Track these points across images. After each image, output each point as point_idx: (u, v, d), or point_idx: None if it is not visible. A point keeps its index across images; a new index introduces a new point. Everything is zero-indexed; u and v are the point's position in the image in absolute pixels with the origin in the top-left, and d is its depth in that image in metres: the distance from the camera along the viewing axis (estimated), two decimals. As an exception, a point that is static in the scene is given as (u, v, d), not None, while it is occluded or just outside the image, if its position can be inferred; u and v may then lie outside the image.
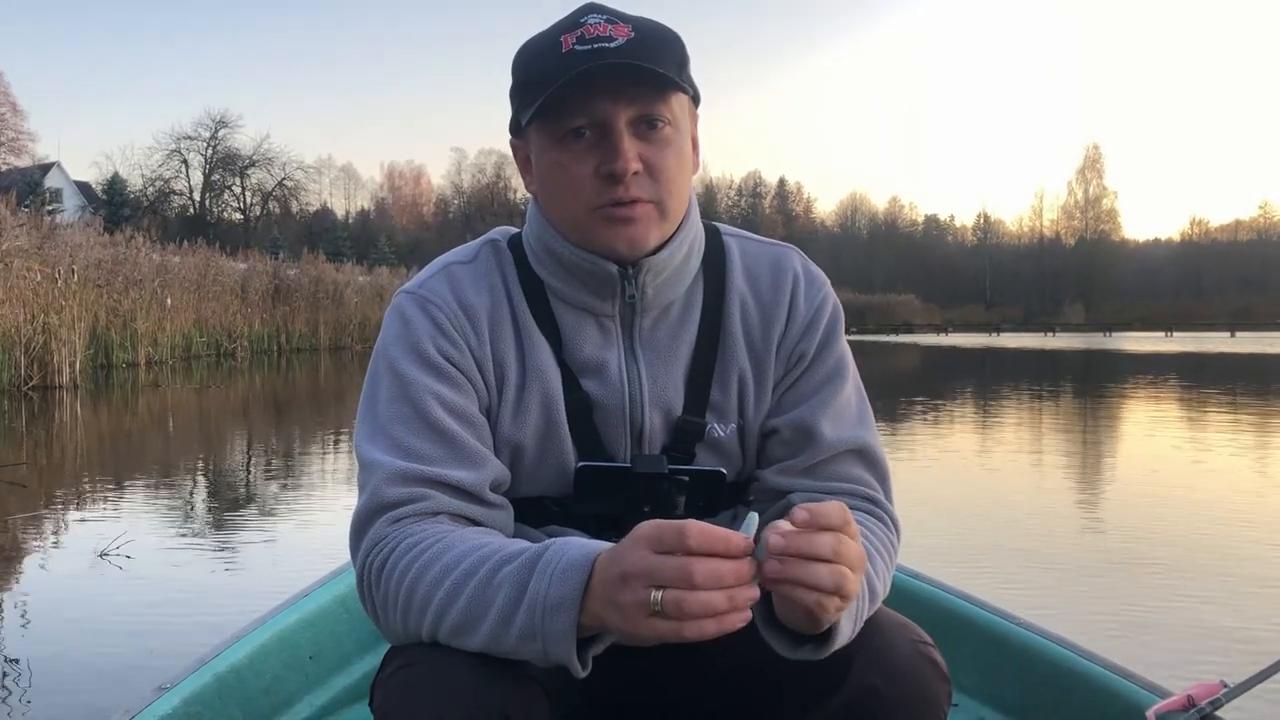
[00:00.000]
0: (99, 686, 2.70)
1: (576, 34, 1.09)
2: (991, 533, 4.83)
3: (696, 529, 0.84)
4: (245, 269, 26.24)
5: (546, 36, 1.13)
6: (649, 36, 1.11)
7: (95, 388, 14.28)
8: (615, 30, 1.09)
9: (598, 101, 1.08)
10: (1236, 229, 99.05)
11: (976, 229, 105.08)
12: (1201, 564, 4.12)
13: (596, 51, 1.07)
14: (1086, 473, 7.07)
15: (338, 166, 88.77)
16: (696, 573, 0.83)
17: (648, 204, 1.12)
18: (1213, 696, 1.42)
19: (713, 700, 1.17)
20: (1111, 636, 3.08)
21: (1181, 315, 68.04)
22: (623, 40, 1.08)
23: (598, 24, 1.10)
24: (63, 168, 56.59)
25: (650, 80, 1.09)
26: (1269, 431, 9.54)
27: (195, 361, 20.64)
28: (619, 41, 1.08)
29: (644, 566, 0.85)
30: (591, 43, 1.08)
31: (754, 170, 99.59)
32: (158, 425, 10.22)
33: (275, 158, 67.79)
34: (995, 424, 9.63)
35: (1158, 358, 24.87)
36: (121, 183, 55.42)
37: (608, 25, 1.10)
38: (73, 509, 5.42)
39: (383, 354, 1.16)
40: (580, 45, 1.08)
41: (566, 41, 1.09)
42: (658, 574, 0.84)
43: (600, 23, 1.10)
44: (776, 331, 1.22)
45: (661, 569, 0.84)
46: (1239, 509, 5.39)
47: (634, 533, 0.87)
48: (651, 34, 1.11)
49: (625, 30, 1.09)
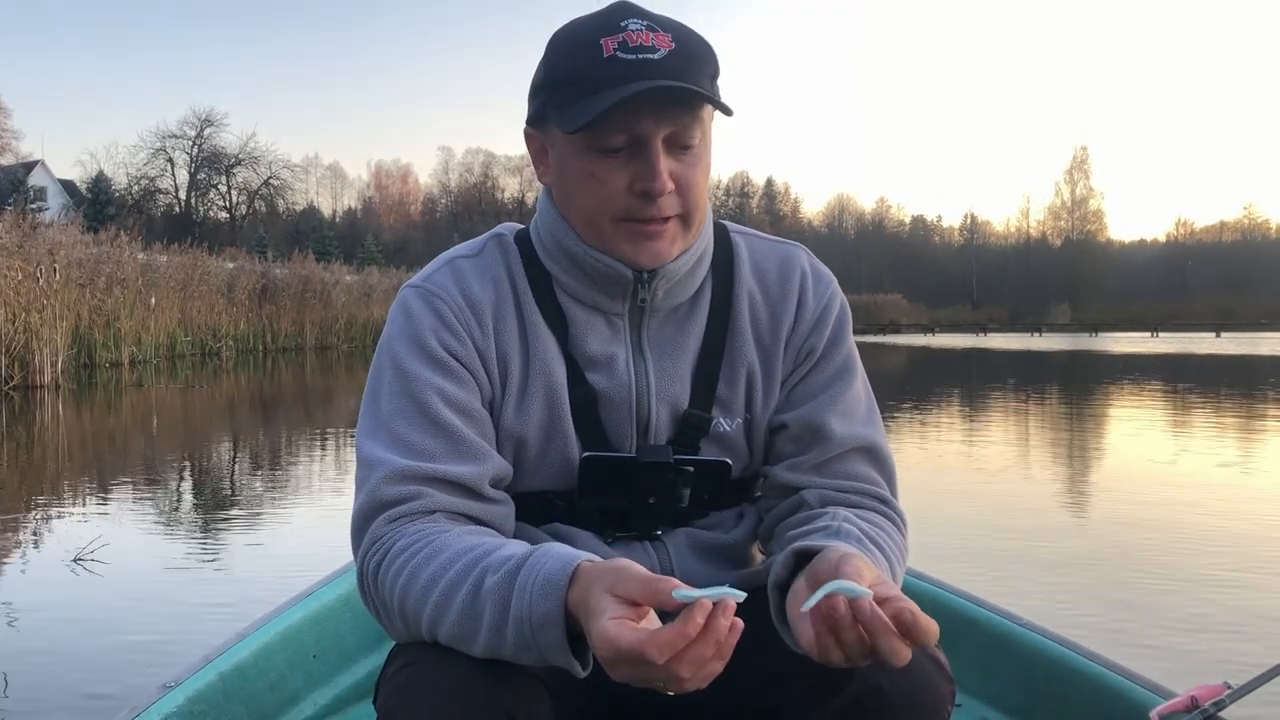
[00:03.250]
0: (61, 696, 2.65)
1: (618, 39, 1.07)
2: (980, 537, 4.83)
3: (656, 647, 0.83)
4: (233, 269, 26.15)
5: (584, 35, 1.10)
6: (688, 49, 1.09)
7: (78, 387, 14.19)
8: (657, 39, 1.08)
9: (641, 120, 1.07)
10: (1221, 230, 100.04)
11: (963, 229, 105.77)
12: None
13: (641, 64, 1.06)
14: (1081, 485, 7.07)
15: (324, 165, 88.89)
16: (682, 675, 0.84)
17: (674, 219, 1.13)
18: (1216, 697, 1.42)
19: (718, 698, 1.15)
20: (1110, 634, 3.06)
21: (1167, 316, 68.50)
22: (665, 52, 1.07)
23: (640, 31, 1.08)
24: (47, 166, 56.39)
25: (690, 100, 1.08)
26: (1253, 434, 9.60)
27: (179, 361, 20.56)
28: (662, 53, 1.07)
29: (629, 680, 0.86)
30: (635, 52, 1.07)
31: (742, 170, 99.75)
32: (141, 425, 10.16)
33: (261, 156, 67.70)
34: (983, 435, 9.67)
35: (1150, 360, 24.99)
36: (106, 181, 55.20)
37: (649, 34, 1.08)
38: (50, 510, 5.35)
39: (386, 348, 1.16)
40: (623, 53, 1.07)
41: (607, 45, 1.07)
42: (647, 684, 0.85)
43: (642, 30, 1.08)
44: (785, 327, 1.23)
45: (648, 682, 0.85)
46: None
47: (597, 645, 0.86)
48: (690, 46, 1.10)
49: (667, 41, 1.08)
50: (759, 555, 1.29)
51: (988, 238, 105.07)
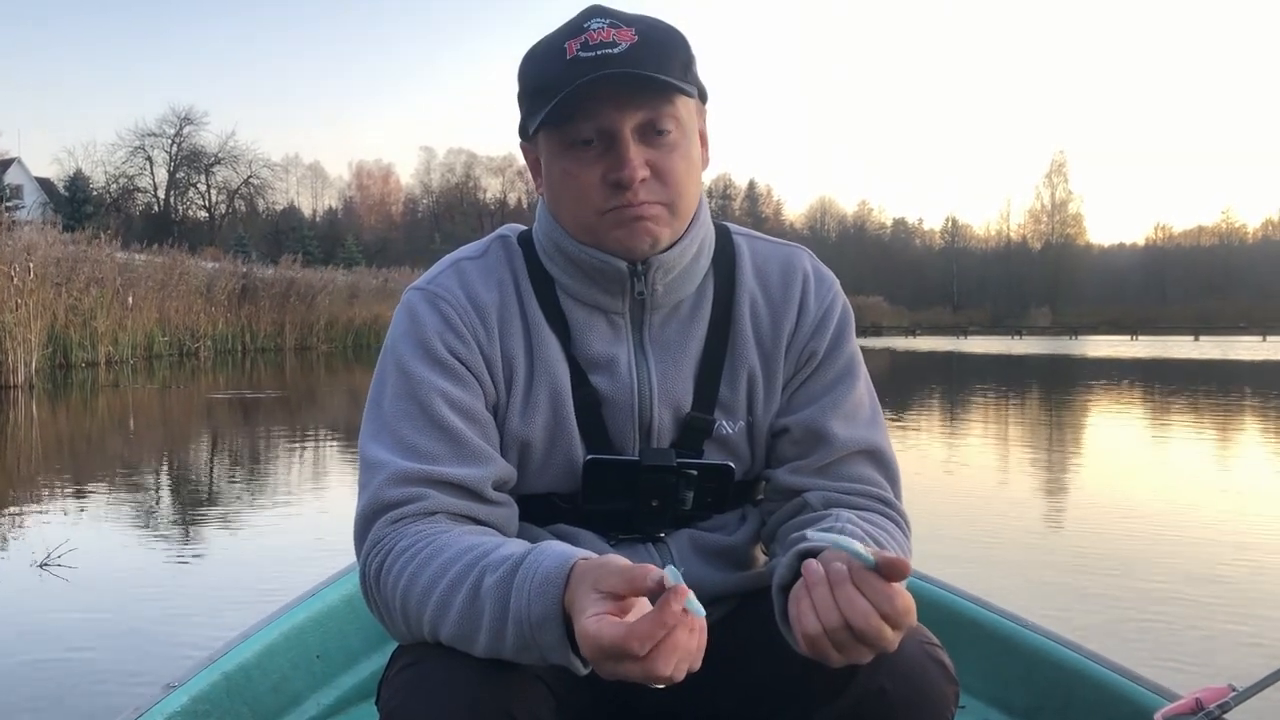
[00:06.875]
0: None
1: (580, 40, 1.09)
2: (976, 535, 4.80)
3: (636, 640, 0.82)
4: (215, 269, 25.97)
5: (551, 42, 1.12)
6: (652, 40, 1.10)
7: (53, 387, 14.03)
8: (619, 35, 1.09)
9: (603, 110, 1.08)
10: (1199, 235, 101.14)
11: (944, 232, 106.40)
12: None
13: (600, 59, 1.07)
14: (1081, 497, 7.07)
15: (305, 165, 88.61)
16: (662, 668, 0.83)
17: (657, 205, 1.13)
18: (1221, 700, 1.39)
19: (721, 699, 1.18)
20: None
21: (1146, 319, 69.12)
22: (626, 45, 1.08)
23: (601, 29, 1.09)
24: (23, 164, 55.99)
25: (654, 87, 1.08)
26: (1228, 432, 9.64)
27: (157, 361, 20.37)
28: (622, 47, 1.08)
29: (613, 676, 0.85)
30: (595, 49, 1.08)
31: (724, 173, 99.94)
32: (118, 425, 10.04)
33: (241, 155, 67.35)
34: (963, 442, 9.69)
35: (1135, 364, 25.11)
36: (84, 179, 54.57)
37: (611, 30, 1.09)
38: (18, 513, 5.24)
39: (391, 350, 1.16)
40: (584, 52, 1.08)
41: (571, 48, 1.09)
42: (631, 679, 0.84)
43: (604, 27, 1.09)
44: (786, 330, 1.23)
45: (630, 677, 0.84)
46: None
47: (581, 642, 0.86)
48: (655, 37, 1.11)
49: (629, 34, 1.09)
50: (761, 557, 1.28)
51: (968, 241, 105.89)
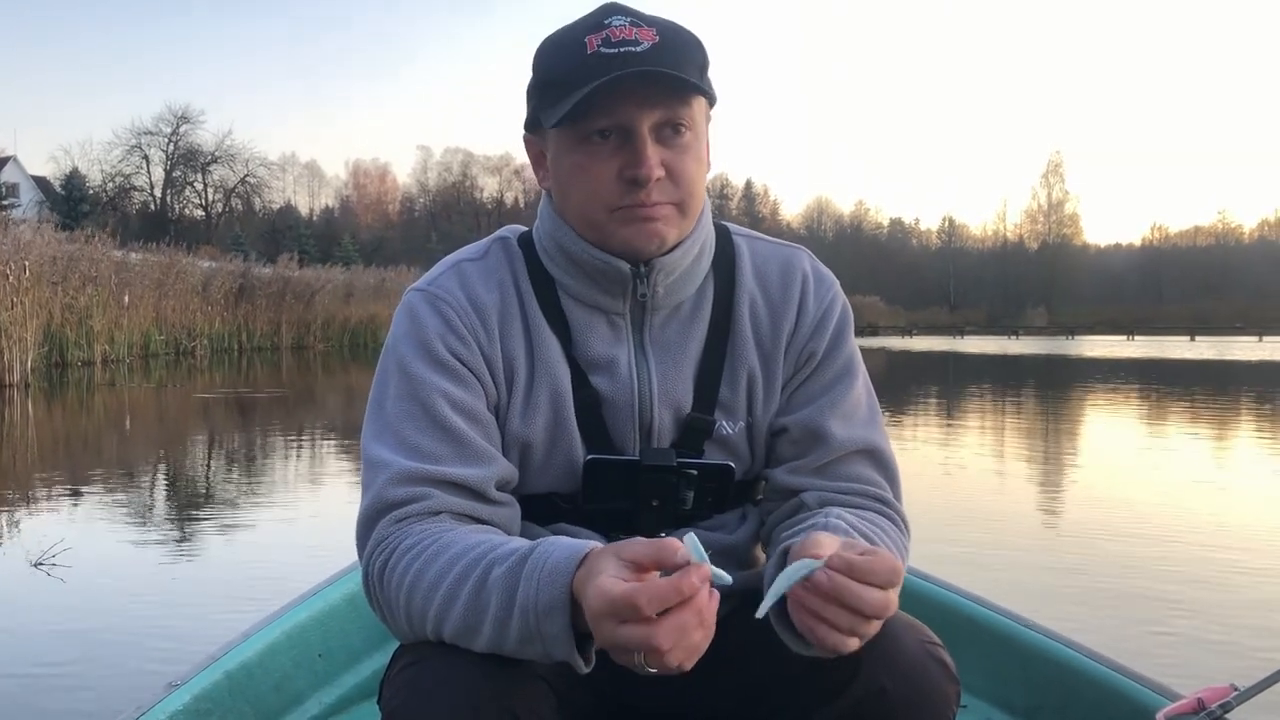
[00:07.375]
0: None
1: (601, 35, 1.09)
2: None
3: (646, 596, 0.83)
4: (212, 268, 25.92)
5: (570, 35, 1.12)
6: (673, 41, 1.11)
7: (49, 386, 14.00)
8: (640, 34, 1.09)
9: (623, 106, 1.09)
10: (1196, 235, 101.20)
11: (941, 232, 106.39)
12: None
13: (623, 56, 1.08)
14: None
15: (302, 163, 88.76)
16: (663, 641, 0.83)
17: (668, 206, 1.13)
18: (1223, 699, 1.39)
19: (722, 699, 1.17)
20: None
21: (1142, 319, 69.20)
22: (648, 44, 1.09)
23: (623, 26, 1.10)
24: (19, 162, 55.88)
25: (676, 86, 1.09)
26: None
27: (153, 360, 20.34)
28: (645, 45, 1.09)
29: (612, 642, 0.85)
30: (618, 46, 1.08)
31: (721, 172, 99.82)
32: (113, 425, 10.03)
33: (238, 154, 67.40)
34: (961, 441, 9.70)
35: (1132, 364, 25.11)
36: (80, 178, 54.45)
37: (633, 28, 1.10)
38: (13, 513, 5.23)
39: (392, 351, 1.17)
40: (606, 48, 1.08)
41: (591, 43, 1.09)
42: (629, 646, 0.84)
43: (625, 25, 1.10)
44: (785, 331, 1.23)
45: (630, 643, 0.84)
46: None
47: (591, 600, 0.86)
48: (675, 38, 1.12)
49: (650, 34, 1.10)
50: (762, 557, 1.28)
51: (965, 241, 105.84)
